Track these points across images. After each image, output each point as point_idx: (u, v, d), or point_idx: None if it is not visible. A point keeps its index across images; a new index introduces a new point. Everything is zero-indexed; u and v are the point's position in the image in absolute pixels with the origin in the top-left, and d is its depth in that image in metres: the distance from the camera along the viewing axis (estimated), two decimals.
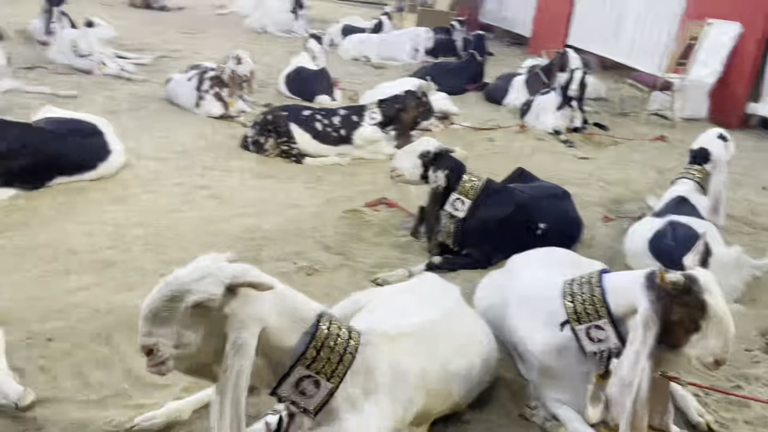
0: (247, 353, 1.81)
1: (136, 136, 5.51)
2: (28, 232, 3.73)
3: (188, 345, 1.82)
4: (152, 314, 1.82)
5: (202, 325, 1.82)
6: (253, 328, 1.84)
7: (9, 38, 8.67)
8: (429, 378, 2.24)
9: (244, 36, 12.04)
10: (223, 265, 1.89)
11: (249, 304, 1.84)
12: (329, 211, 4.41)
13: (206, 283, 1.79)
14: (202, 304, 1.78)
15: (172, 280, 1.84)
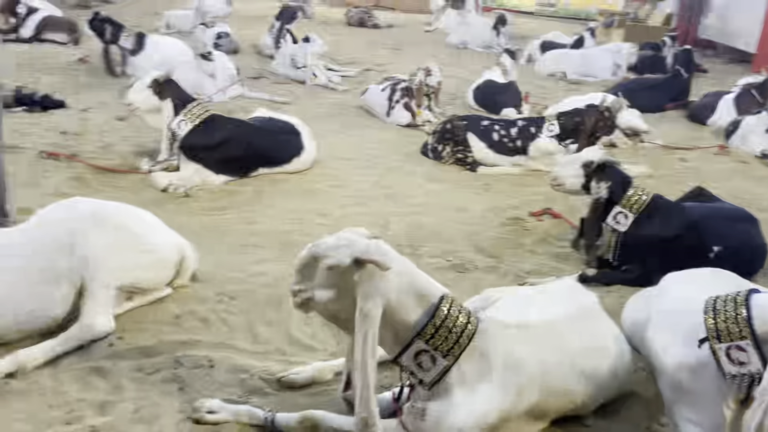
0: (371, 321, 2.07)
1: (330, 139, 6.15)
2: (231, 212, 4.42)
3: (323, 299, 2.14)
4: (300, 267, 2.20)
5: (335, 286, 2.12)
6: (377, 300, 2.08)
7: (241, 51, 10.08)
8: (547, 373, 2.30)
9: (445, 51, 12.54)
10: (359, 239, 2.17)
11: (375, 278, 2.09)
12: (492, 217, 4.55)
13: (339, 251, 2.10)
14: (333, 268, 2.07)
15: (318, 243, 2.19)
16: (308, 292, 2.17)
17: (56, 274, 2.73)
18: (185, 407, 2.42)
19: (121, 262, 2.84)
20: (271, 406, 2.43)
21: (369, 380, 2.06)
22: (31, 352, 2.60)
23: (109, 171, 4.94)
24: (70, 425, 2.28)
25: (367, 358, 2.06)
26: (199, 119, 4.85)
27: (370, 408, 2.06)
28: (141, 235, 2.97)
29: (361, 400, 2.06)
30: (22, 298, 2.67)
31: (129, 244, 2.89)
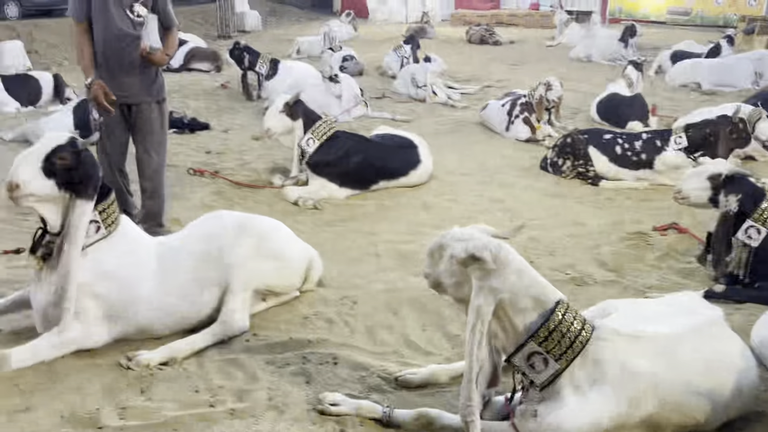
0: (481, 316, 2.19)
1: (448, 154, 6.30)
2: (354, 224, 4.69)
3: (447, 286, 2.33)
4: (429, 254, 2.42)
5: (455, 275, 2.29)
6: (489, 297, 2.20)
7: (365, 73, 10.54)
8: (663, 386, 2.26)
9: (568, 66, 12.32)
10: (480, 236, 2.29)
11: (488, 275, 2.20)
12: (613, 231, 4.47)
13: (459, 245, 2.25)
14: (453, 258, 2.24)
15: (446, 233, 2.39)
16: (435, 276, 2.37)
17: (208, 282, 3.09)
18: (311, 399, 2.63)
19: (259, 268, 3.17)
20: (389, 402, 2.59)
21: (474, 373, 2.17)
22: (180, 346, 2.94)
23: (246, 186, 5.41)
24: (214, 408, 2.57)
25: (473, 350, 2.18)
26: (324, 137, 5.20)
27: (472, 398, 2.17)
28: (276, 245, 3.29)
29: (465, 390, 2.18)
30: (179, 303, 3.03)
31: (267, 253, 3.21)
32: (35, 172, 2.69)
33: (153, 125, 4.09)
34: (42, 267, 2.84)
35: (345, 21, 16.72)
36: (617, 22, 19.56)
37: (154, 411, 2.53)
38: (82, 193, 2.76)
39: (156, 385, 2.71)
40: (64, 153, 2.73)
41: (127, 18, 3.84)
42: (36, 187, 2.70)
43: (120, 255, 2.92)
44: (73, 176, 2.75)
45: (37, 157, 2.71)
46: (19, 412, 2.51)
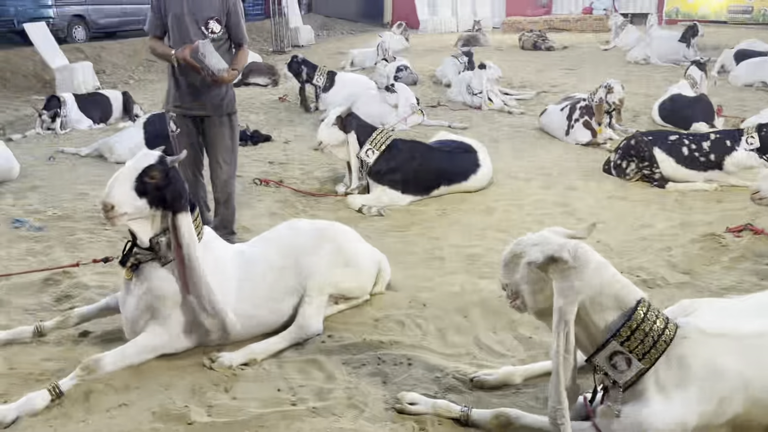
0: (565, 318, 2.17)
1: (508, 159, 6.30)
2: (418, 229, 4.74)
3: (524, 294, 2.30)
4: (504, 263, 2.38)
5: (534, 282, 2.27)
6: (571, 298, 2.19)
7: (419, 82, 10.61)
8: (752, 386, 2.21)
9: (625, 68, 12.11)
10: (556, 238, 2.29)
11: (569, 276, 2.19)
12: (682, 234, 4.38)
13: (535, 249, 2.25)
14: (530, 264, 2.23)
15: (519, 240, 2.37)
16: (514, 286, 2.34)
17: (287, 290, 3.20)
18: (389, 398, 2.69)
19: (335, 274, 3.27)
20: (466, 402, 2.61)
21: (561, 375, 2.16)
22: (259, 348, 3.04)
23: (310, 195, 5.54)
24: (295, 406, 2.65)
25: (561, 353, 2.17)
26: (383, 146, 5.28)
27: (561, 399, 2.16)
28: (351, 251, 3.39)
29: (554, 392, 2.17)
30: (258, 310, 3.14)
31: (342, 259, 3.32)
32: (128, 192, 2.77)
33: (224, 137, 4.23)
34: (132, 277, 2.98)
35: (397, 32, 16.87)
36: (674, 23, 19.12)
37: (239, 409, 2.63)
38: (177, 207, 2.82)
39: (239, 384, 2.81)
40: (154, 172, 2.81)
41: (201, 34, 4.00)
42: (130, 206, 2.78)
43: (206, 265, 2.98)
44: (163, 194, 2.82)
45: (129, 178, 2.79)
46: (113, 409, 2.65)
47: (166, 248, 2.90)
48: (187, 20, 3.98)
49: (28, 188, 5.81)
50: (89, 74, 11.22)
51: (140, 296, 2.94)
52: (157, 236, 2.90)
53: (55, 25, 13.81)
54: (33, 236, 4.65)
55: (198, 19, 4.01)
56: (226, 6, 4.07)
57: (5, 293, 3.70)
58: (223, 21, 4.08)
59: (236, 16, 4.13)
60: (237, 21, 4.14)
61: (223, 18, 4.07)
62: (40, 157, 6.93)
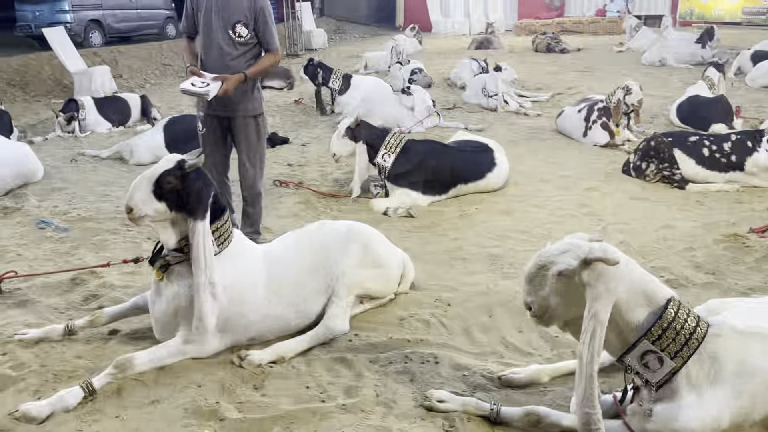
0: (600, 321, 2.16)
1: (526, 161, 6.30)
2: (439, 229, 4.76)
3: (555, 307, 2.28)
4: (529, 278, 2.33)
5: (565, 291, 2.24)
6: (606, 300, 2.18)
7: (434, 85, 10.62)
8: None
9: (641, 70, 12.07)
10: (583, 243, 2.29)
11: (603, 277, 2.18)
12: (705, 234, 4.36)
13: (567, 256, 2.23)
14: (563, 273, 2.21)
15: (542, 252, 2.33)
16: (542, 302, 2.29)
17: (315, 291, 3.22)
18: (417, 396, 2.70)
19: (363, 275, 3.30)
20: (494, 400, 2.62)
21: (594, 378, 2.16)
22: (288, 346, 3.07)
23: (330, 196, 5.57)
24: (325, 403, 2.67)
25: (594, 356, 2.16)
26: (398, 149, 5.31)
27: (594, 404, 2.16)
28: (377, 251, 3.41)
29: (585, 396, 2.17)
30: (287, 311, 3.16)
31: (370, 260, 3.35)
32: (147, 195, 2.82)
33: (250, 138, 4.26)
34: (162, 278, 3.01)
35: (410, 35, 16.93)
36: (689, 25, 19.03)
37: (269, 405, 2.66)
38: (195, 213, 2.83)
39: (269, 382, 2.84)
40: (171, 177, 2.83)
41: (228, 38, 4.03)
42: (150, 209, 2.83)
43: (232, 270, 3.03)
44: (183, 198, 2.84)
45: (148, 182, 2.84)
46: (146, 405, 2.69)
47: None
48: (215, 23, 4.01)
49: (51, 190, 5.89)
50: (107, 78, 11.34)
51: (170, 298, 2.97)
52: (185, 238, 2.93)
53: (72, 29, 13.99)
54: (58, 237, 4.71)
55: (225, 23, 4.02)
56: (254, 10, 4.04)
57: (34, 293, 3.76)
58: (250, 25, 4.05)
59: (264, 20, 4.07)
60: (265, 26, 4.09)
61: (251, 22, 4.05)
62: (62, 160, 7.02)
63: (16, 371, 2.93)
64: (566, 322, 2.34)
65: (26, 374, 2.91)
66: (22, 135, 8.32)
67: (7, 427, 2.54)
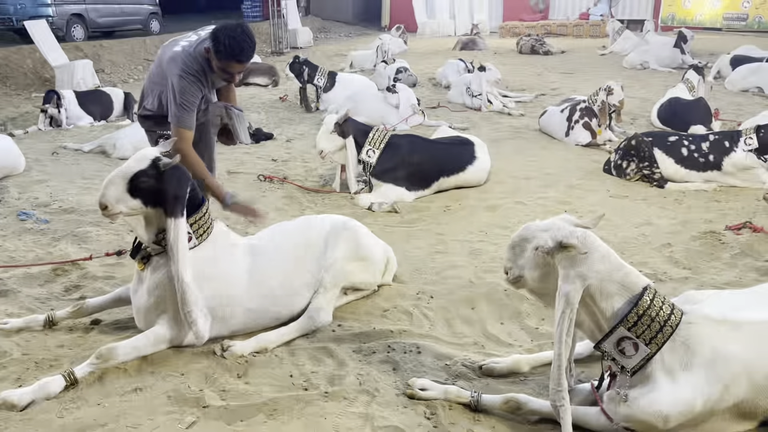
0: (570, 303, 2.24)
1: (509, 159, 6.37)
2: (422, 224, 4.80)
3: (530, 279, 2.40)
4: (511, 247, 2.47)
5: (540, 266, 2.36)
6: (577, 284, 2.25)
7: (419, 84, 10.63)
8: (756, 371, 2.27)
9: (623, 73, 12.23)
10: (565, 226, 2.35)
11: (576, 262, 2.26)
12: (683, 231, 4.45)
13: (544, 235, 2.33)
14: (539, 249, 2.31)
15: (528, 225, 2.45)
16: (517, 270, 2.42)
17: (302, 285, 3.24)
18: (399, 384, 2.74)
19: (348, 267, 3.33)
20: (476, 389, 2.66)
21: (563, 358, 2.23)
22: (270, 337, 3.08)
23: (314, 191, 5.58)
24: (308, 391, 2.70)
25: (563, 336, 2.23)
26: (382, 143, 5.34)
27: (561, 382, 2.23)
28: (362, 245, 3.44)
29: (555, 375, 2.24)
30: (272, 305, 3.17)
31: (356, 253, 3.38)
32: (121, 193, 2.81)
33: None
34: (144, 268, 3.02)
35: (396, 35, 16.98)
36: (670, 30, 19.30)
37: (252, 393, 2.68)
38: (171, 212, 2.81)
39: (252, 370, 2.85)
40: (146, 176, 2.81)
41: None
42: (123, 206, 2.83)
43: (213, 262, 3.03)
44: (158, 195, 2.83)
45: (122, 179, 2.82)
46: (129, 392, 2.69)
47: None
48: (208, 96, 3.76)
49: (33, 182, 5.84)
50: (89, 72, 11.24)
51: (152, 288, 2.97)
52: (162, 231, 2.91)
53: (54, 23, 13.82)
54: (39, 228, 4.68)
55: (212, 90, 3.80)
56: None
57: (15, 283, 3.73)
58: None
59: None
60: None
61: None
62: (43, 153, 6.96)
63: None
64: (539, 293, 2.46)
65: (7, 362, 2.90)
66: (2, 128, 8.23)
67: None
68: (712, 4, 20.29)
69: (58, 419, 2.51)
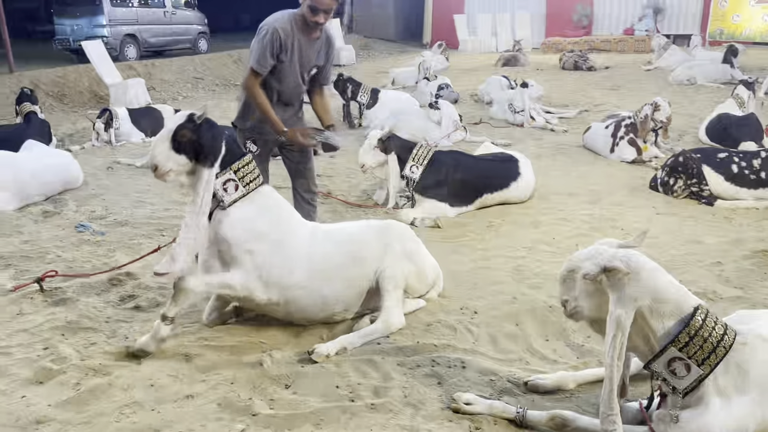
0: (621, 326, 2.21)
1: (553, 175, 6.34)
2: (465, 240, 4.81)
3: (586, 309, 2.37)
4: (561, 281, 2.45)
5: (592, 295, 2.33)
6: (628, 306, 2.22)
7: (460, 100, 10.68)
8: None
9: (669, 89, 12.02)
10: (607, 249, 2.34)
11: (625, 285, 2.24)
12: (734, 249, 4.35)
13: (589, 262, 2.30)
14: (586, 277, 2.28)
15: (572, 257, 2.44)
16: (573, 302, 2.41)
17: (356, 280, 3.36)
18: (444, 398, 2.75)
19: (406, 269, 3.43)
20: (521, 404, 2.66)
21: (613, 380, 2.20)
22: (350, 339, 3.21)
23: (357, 206, 5.66)
24: (354, 402, 2.74)
25: (614, 361, 2.21)
26: (426, 160, 5.39)
27: (613, 405, 2.21)
28: (417, 250, 3.58)
29: (606, 399, 2.21)
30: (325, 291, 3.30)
31: (410, 256, 3.48)
32: (168, 150, 3.04)
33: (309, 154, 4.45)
34: None
35: (437, 52, 17.08)
36: (718, 45, 18.89)
37: (300, 403, 2.73)
38: (202, 161, 3.06)
39: (299, 381, 2.91)
40: (185, 130, 3.05)
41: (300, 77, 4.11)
42: (171, 163, 3.05)
43: (266, 216, 3.24)
44: (198, 148, 3.06)
45: (166, 138, 3.06)
46: (181, 399, 2.78)
47: (223, 192, 3.14)
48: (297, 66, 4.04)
49: (89, 195, 6.08)
50: (141, 90, 11.65)
51: (211, 243, 3.18)
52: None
53: (109, 43, 14.41)
54: (96, 240, 4.87)
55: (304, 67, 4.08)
56: (328, 56, 4.21)
57: (74, 292, 3.89)
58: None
59: (331, 63, 4.29)
60: (330, 66, 4.31)
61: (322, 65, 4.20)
62: (98, 167, 7.24)
63: (57, 365, 3.06)
64: (597, 322, 2.40)
65: (67, 368, 3.02)
66: (60, 144, 8.59)
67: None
68: (762, 18, 19.81)
69: (115, 423, 2.61)
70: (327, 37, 4.16)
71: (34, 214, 5.57)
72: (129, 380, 2.91)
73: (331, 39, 4.25)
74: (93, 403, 2.76)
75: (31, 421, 2.63)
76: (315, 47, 4.07)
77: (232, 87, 14.73)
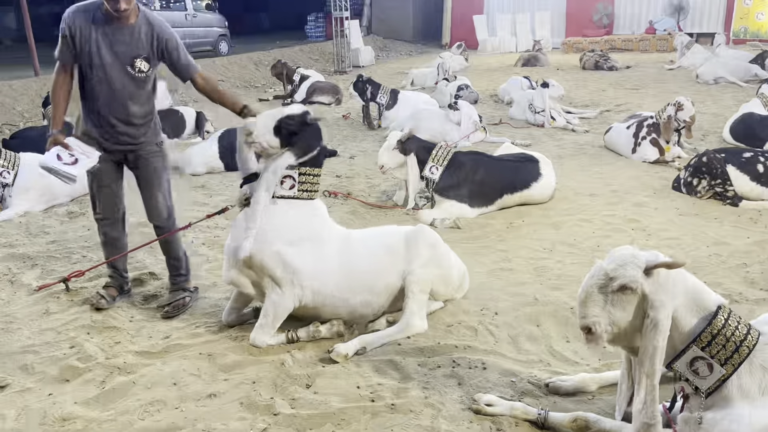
0: (662, 331, 2.16)
1: (574, 176, 6.29)
2: (485, 240, 4.79)
3: (618, 323, 2.24)
4: (586, 299, 2.26)
5: (628, 305, 2.22)
6: (668, 308, 2.18)
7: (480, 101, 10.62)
8: None
9: (692, 88, 11.86)
10: (638, 252, 2.30)
11: (663, 286, 2.19)
12: (760, 251, 4.28)
13: (627, 268, 2.20)
14: (626, 286, 2.19)
15: (596, 271, 2.28)
16: (605, 320, 2.23)
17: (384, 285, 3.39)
18: (464, 399, 2.75)
19: (432, 274, 3.43)
20: (542, 406, 2.65)
21: (655, 388, 2.17)
22: (371, 338, 3.24)
23: (377, 207, 5.67)
24: (374, 402, 2.75)
25: (656, 367, 2.17)
26: (445, 161, 5.39)
27: (655, 415, 2.18)
28: (445, 254, 3.58)
29: (645, 407, 2.18)
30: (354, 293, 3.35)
31: (437, 260, 3.49)
32: (267, 128, 3.18)
33: (157, 169, 3.86)
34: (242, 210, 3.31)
35: (456, 52, 17.04)
36: (742, 43, 18.60)
37: (321, 403, 2.75)
38: (294, 147, 3.19)
39: (319, 381, 2.93)
40: (293, 120, 3.19)
41: (127, 74, 3.52)
42: (264, 140, 3.19)
43: (309, 220, 3.31)
44: (295, 140, 3.19)
45: (273, 118, 3.20)
46: (204, 398, 2.81)
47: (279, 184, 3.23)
48: (107, 58, 3.47)
49: None
50: (163, 92, 11.76)
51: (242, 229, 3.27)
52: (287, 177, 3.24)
53: None
54: None
55: (121, 58, 3.49)
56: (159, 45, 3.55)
57: None
58: (153, 61, 3.57)
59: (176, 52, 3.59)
60: (177, 57, 3.59)
61: (154, 58, 3.57)
62: None
63: (83, 363, 3.11)
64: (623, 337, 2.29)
65: (93, 366, 3.08)
66: None
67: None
68: None
69: (139, 421, 2.66)
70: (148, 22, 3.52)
71: (59, 215, 5.67)
72: (153, 379, 2.96)
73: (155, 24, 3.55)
74: (117, 401, 2.81)
75: (57, 418, 2.68)
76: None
77: (252, 89, 14.83)
